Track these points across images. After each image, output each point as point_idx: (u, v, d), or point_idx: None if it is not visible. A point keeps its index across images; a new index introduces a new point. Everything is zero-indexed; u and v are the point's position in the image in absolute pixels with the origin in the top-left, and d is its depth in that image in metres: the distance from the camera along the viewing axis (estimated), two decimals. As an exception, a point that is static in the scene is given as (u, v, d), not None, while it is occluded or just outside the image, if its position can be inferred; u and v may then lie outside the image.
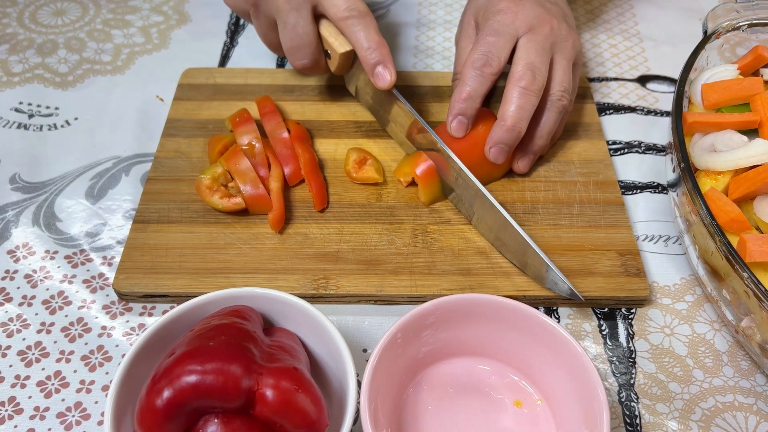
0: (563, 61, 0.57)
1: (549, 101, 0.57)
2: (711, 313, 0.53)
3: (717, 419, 0.47)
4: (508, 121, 0.54)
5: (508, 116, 0.54)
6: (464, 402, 0.46)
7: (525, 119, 0.54)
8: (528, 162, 0.59)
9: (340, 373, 0.43)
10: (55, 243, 0.56)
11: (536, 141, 0.58)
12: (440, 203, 0.58)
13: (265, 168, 0.57)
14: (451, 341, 0.47)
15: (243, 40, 0.76)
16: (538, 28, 0.56)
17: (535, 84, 0.54)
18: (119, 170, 0.62)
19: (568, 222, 0.56)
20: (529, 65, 0.55)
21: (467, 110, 0.55)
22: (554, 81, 0.57)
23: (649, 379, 0.49)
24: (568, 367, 0.43)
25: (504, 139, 0.54)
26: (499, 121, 0.55)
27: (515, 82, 0.54)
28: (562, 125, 0.60)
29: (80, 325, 0.51)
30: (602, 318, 0.52)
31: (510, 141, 0.55)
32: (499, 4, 0.58)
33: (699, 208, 0.47)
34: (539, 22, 0.57)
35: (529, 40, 0.56)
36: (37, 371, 0.49)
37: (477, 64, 0.55)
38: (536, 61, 0.55)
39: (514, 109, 0.54)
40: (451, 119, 0.56)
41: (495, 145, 0.55)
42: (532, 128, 0.57)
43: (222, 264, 0.53)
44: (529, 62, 0.55)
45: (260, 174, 0.57)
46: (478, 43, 0.56)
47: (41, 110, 0.68)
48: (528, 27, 0.56)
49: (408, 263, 0.53)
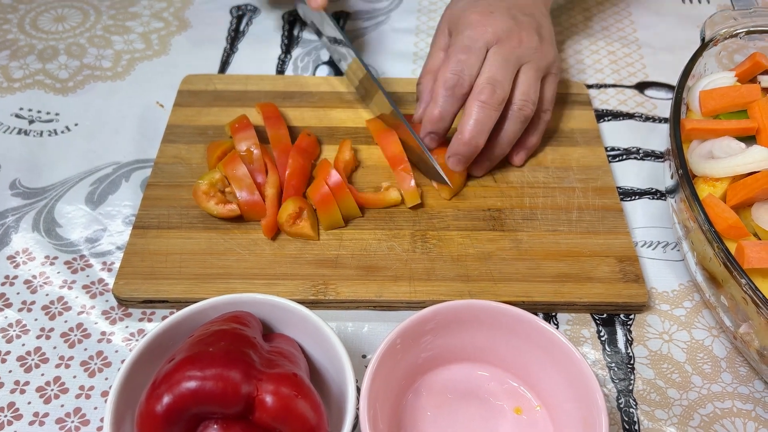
0: (530, 72, 0.58)
1: (510, 111, 0.58)
2: (709, 319, 0.53)
3: (716, 425, 0.47)
4: (465, 135, 0.55)
5: (466, 130, 0.55)
6: (463, 408, 0.46)
7: (483, 132, 0.56)
8: (485, 168, 0.60)
9: (339, 378, 0.43)
10: (55, 248, 0.57)
11: (495, 149, 0.59)
12: (444, 209, 0.58)
13: (263, 174, 0.58)
14: (450, 347, 0.47)
15: (243, 46, 0.76)
16: (506, 41, 0.57)
17: (494, 98, 0.55)
18: (119, 176, 0.62)
19: (567, 228, 0.57)
20: (489, 79, 0.56)
21: (439, 130, 0.58)
22: (517, 91, 0.57)
23: (647, 385, 0.49)
24: (567, 373, 0.43)
25: (461, 152, 0.56)
26: (458, 134, 0.56)
27: (475, 96, 0.56)
28: (538, 132, 0.61)
29: (80, 330, 0.52)
30: (601, 324, 0.52)
31: (467, 153, 0.56)
32: (470, 16, 0.59)
33: (697, 215, 0.47)
34: (507, 35, 0.58)
35: (494, 53, 0.57)
36: (37, 377, 0.49)
37: (449, 84, 0.56)
38: (498, 74, 0.56)
39: (472, 124, 0.55)
40: (423, 135, 0.58)
41: (453, 155, 0.57)
42: (494, 136, 0.58)
43: (221, 270, 0.53)
44: (490, 76, 0.56)
45: (257, 180, 0.57)
46: (450, 60, 0.57)
47: (41, 116, 0.68)
48: (496, 39, 0.57)
49: (407, 269, 0.54)
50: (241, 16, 0.80)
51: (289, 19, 0.79)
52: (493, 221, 0.57)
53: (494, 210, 0.58)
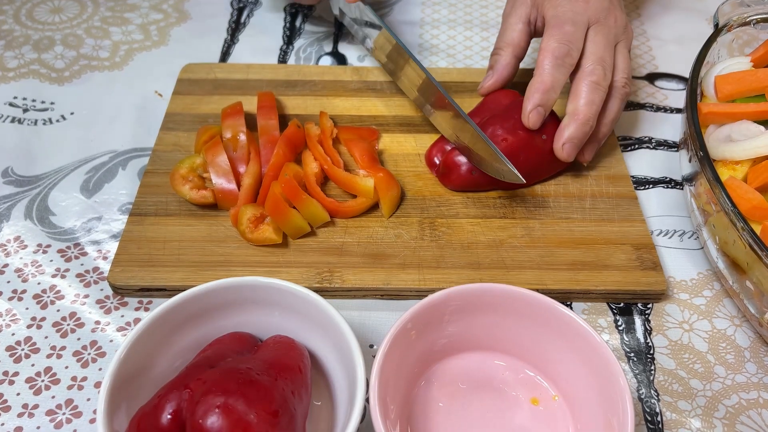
0: (625, 50, 0.57)
1: (614, 89, 0.56)
2: (731, 309, 0.51)
3: (742, 416, 0.45)
4: (581, 115, 0.53)
5: (581, 111, 0.53)
6: (477, 399, 0.44)
7: (596, 113, 0.53)
8: (593, 150, 0.57)
9: (346, 364, 0.40)
10: (48, 237, 0.54)
11: (601, 129, 0.56)
12: (452, 197, 0.56)
13: (245, 164, 0.55)
14: (463, 334, 0.45)
15: (244, 38, 0.74)
16: (604, 20, 0.56)
17: (606, 79, 0.54)
18: (116, 164, 0.60)
19: (581, 216, 0.55)
20: (599, 60, 0.54)
21: (547, 102, 0.53)
22: (618, 69, 0.56)
23: (668, 376, 0.47)
24: (586, 358, 0.41)
25: (577, 134, 0.53)
26: (572, 116, 0.53)
27: (586, 76, 0.53)
28: (620, 112, 0.59)
29: (73, 320, 0.49)
30: (618, 313, 0.50)
31: (582, 136, 0.53)
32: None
33: (719, 196, 0.45)
34: (605, 14, 0.56)
35: (597, 32, 0.55)
36: (27, 367, 0.47)
37: (558, 53, 0.53)
38: (605, 55, 0.54)
39: (586, 103, 0.53)
40: (529, 109, 0.53)
41: (569, 141, 0.53)
42: (598, 116, 0.55)
43: (222, 257, 0.51)
44: (599, 57, 0.54)
45: (239, 169, 0.55)
46: (555, 31, 0.54)
47: (36, 105, 0.66)
48: (596, 18, 0.56)
49: (415, 257, 0.51)
50: (242, 8, 0.78)
51: (291, 11, 0.78)
52: (504, 209, 0.55)
53: (504, 198, 0.56)
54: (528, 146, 0.54)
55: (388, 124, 0.62)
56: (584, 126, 0.53)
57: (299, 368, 0.39)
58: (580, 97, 0.53)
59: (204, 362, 0.39)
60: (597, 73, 0.53)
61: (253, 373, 0.37)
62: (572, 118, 0.53)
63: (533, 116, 0.53)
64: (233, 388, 0.35)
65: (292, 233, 0.52)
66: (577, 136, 0.53)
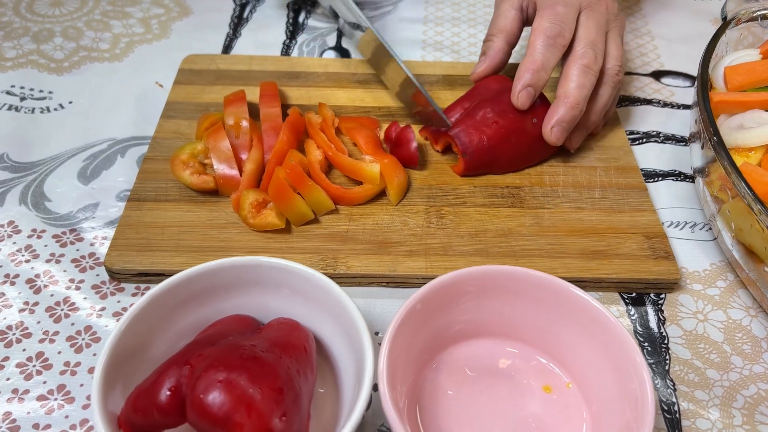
0: (617, 38, 0.56)
1: (606, 76, 0.55)
2: (746, 299, 0.49)
3: (761, 407, 0.43)
4: (570, 99, 0.52)
5: (571, 94, 0.52)
6: (487, 386, 0.42)
7: (586, 97, 0.53)
8: (581, 138, 0.56)
9: (354, 347, 0.39)
10: (43, 222, 0.53)
11: (590, 116, 0.56)
12: (459, 185, 0.55)
13: (247, 151, 0.54)
14: (472, 320, 0.43)
15: (246, 32, 0.73)
16: (596, 5, 0.55)
17: (597, 63, 0.53)
18: (114, 152, 0.59)
19: (590, 205, 0.53)
20: (590, 43, 0.53)
21: (538, 82, 0.53)
22: (609, 56, 0.55)
23: (684, 366, 0.45)
24: (601, 340, 0.39)
25: (567, 118, 0.52)
26: (562, 98, 0.52)
27: (577, 59, 0.53)
28: (615, 101, 0.59)
29: (67, 305, 0.47)
30: (630, 303, 0.49)
31: (571, 119, 0.52)
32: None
33: (735, 180, 0.44)
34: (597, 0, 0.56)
35: (588, 17, 0.55)
36: (18, 352, 0.45)
37: (550, 33, 0.53)
38: (596, 39, 0.54)
39: (576, 87, 0.52)
40: (519, 89, 0.53)
41: (558, 124, 0.52)
42: (588, 104, 0.54)
43: (223, 242, 0.50)
44: (591, 40, 0.53)
45: (240, 155, 0.54)
46: (547, 12, 0.54)
47: (34, 93, 0.64)
48: (588, 3, 0.55)
49: (422, 244, 0.50)
50: (245, 4, 0.78)
51: (294, 7, 0.77)
52: (512, 198, 0.54)
53: (513, 187, 0.55)
54: (518, 130, 0.54)
55: (392, 115, 0.61)
56: (574, 109, 0.52)
57: (304, 348, 0.38)
58: (571, 81, 0.52)
59: (205, 340, 0.37)
60: (588, 56, 0.53)
61: (257, 350, 0.35)
62: (562, 101, 0.52)
63: (523, 96, 0.52)
64: (236, 364, 0.33)
65: (296, 220, 0.51)
66: (566, 119, 0.52)
